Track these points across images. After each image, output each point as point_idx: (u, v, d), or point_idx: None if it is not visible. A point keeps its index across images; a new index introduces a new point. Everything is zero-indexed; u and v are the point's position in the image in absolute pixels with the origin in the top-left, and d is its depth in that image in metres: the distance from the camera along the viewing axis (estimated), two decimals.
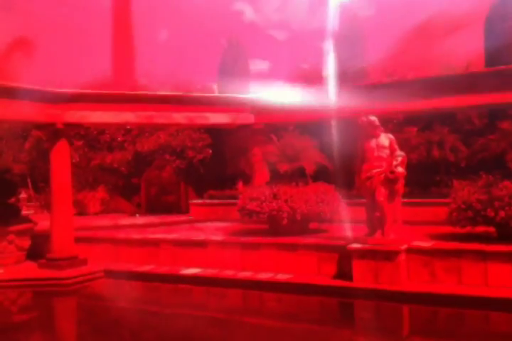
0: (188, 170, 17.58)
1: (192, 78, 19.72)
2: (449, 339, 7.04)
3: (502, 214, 8.33)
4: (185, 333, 7.50)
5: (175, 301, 9.72)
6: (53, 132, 11.29)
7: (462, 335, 7.16)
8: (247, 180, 15.39)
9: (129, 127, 17.64)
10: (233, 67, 18.40)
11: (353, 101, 11.71)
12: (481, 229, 9.03)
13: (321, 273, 9.44)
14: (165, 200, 17.70)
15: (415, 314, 8.25)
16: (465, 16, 17.88)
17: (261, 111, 13.65)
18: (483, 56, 13.80)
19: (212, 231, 12.24)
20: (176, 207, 17.34)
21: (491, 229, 9.02)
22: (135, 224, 14.17)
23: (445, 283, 8.38)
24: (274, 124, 14.66)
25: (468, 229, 9.03)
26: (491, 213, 8.40)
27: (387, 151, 9.05)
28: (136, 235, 11.92)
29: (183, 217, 15.47)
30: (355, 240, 9.16)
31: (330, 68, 16.80)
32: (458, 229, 9.17)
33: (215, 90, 19.32)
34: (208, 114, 13.17)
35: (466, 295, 7.89)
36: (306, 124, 15.01)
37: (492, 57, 13.03)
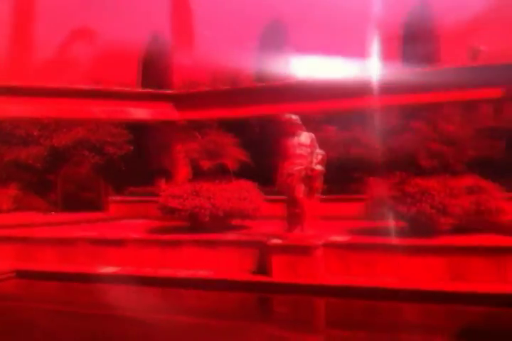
0: (108, 167, 17.09)
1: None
2: (363, 330, 7.30)
3: (413, 209, 8.78)
4: (100, 333, 7.27)
5: (91, 301, 9.38)
6: None
7: (375, 326, 7.46)
8: (169, 176, 15.22)
9: (46, 121, 16.90)
10: (155, 61, 18.10)
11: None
12: (393, 223, 9.48)
13: (242, 269, 9.48)
14: (83, 197, 17.12)
15: (332, 306, 8.48)
16: None
17: (185, 107, 13.54)
18: None
19: (132, 228, 11.98)
20: (95, 205, 16.82)
21: (403, 224, 9.49)
22: (50, 222, 13.58)
23: (360, 276, 8.66)
24: (198, 121, 14.59)
25: (382, 223, 9.46)
26: (402, 209, 8.83)
27: (308, 149, 9.25)
28: (50, 233, 11.43)
29: (101, 215, 15.04)
30: (275, 236, 9.30)
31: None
32: (373, 224, 9.58)
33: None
34: (130, 109, 12.88)
35: (379, 287, 8.21)
36: (229, 121, 15.06)
37: None
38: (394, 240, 8.76)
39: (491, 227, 9.28)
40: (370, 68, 13.83)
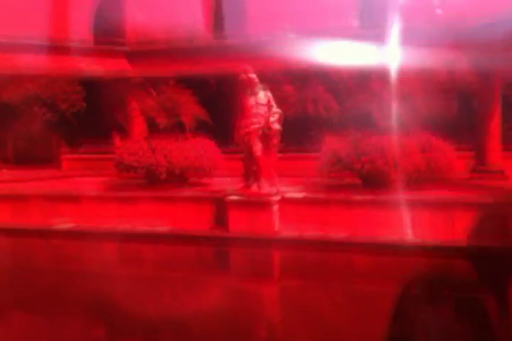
0: (61, 124, 16.64)
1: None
2: (314, 280, 7.61)
3: (368, 167, 9.05)
4: (56, 287, 7.28)
5: (47, 256, 9.37)
6: None
7: (328, 276, 7.78)
8: (124, 134, 14.98)
9: None
10: (109, 16, 17.39)
11: None
12: (348, 180, 9.78)
13: (200, 225, 9.61)
14: (35, 154, 16.65)
15: (287, 258, 8.76)
16: None
17: (140, 64, 13.20)
18: None
19: (88, 185, 11.84)
20: (48, 162, 16.43)
21: (357, 181, 9.78)
22: (2, 179, 13.22)
23: (314, 229, 8.90)
24: (154, 78, 14.27)
25: (336, 180, 9.73)
26: (358, 166, 9.09)
27: (265, 108, 9.32)
28: (3, 190, 11.15)
29: (55, 172, 14.74)
30: (233, 192, 9.42)
31: None
32: (328, 181, 9.84)
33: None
34: (84, 65, 12.47)
35: (332, 240, 8.58)
36: (186, 79, 14.81)
37: None
38: (347, 195, 9.04)
39: (441, 184, 9.68)
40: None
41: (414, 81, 11.48)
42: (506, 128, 11.42)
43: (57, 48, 12.55)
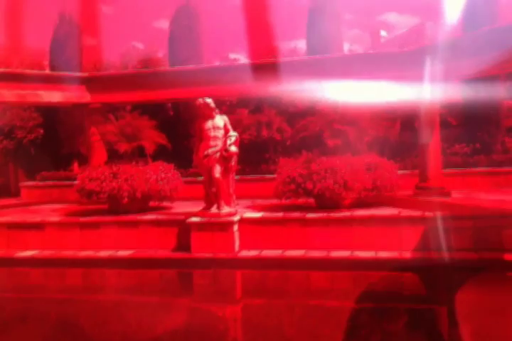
0: (18, 151, 16.61)
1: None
2: (276, 298, 8.00)
3: (319, 186, 9.60)
4: (22, 314, 7.35)
5: (10, 284, 9.39)
6: None
7: (287, 293, 8.19)
8: (83, 160, 15.10)
9: None
10: (66, 43, 17.65)
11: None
12: (302, 200, 10.31)
13: (162, 248, 9.89)
14: None
15: (248, 277, 9.14)
16: None
17: (98, 90, 13.42)
18: None
19: (49, 212, 11.90)
20: (5, 190, 16.33)
21: (311, 200, 10.34)
22: None
23: (272, 248, 9.40)
24: (112, 104, 14.52)
25: (292, 200, 10.26)
26: (310, 185, 9.63)
27: (222, 131, 9.75)
28: None
29: (13, 201, 14.66)
30: (194, 215, 9.77)
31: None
32: (284, 201, 10.35)
33: (47, 67, 18.35)
34: (41, 92, 12.62)
35: (289, 257, 9.02)
36: (144, 104, 15.13)
37: None
38: (302, 215, 9.55)
39: (387, 201, 10.34)
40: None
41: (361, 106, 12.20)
42: (445, 147, 12.27)
43: (14, 75, 12.67)
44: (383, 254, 8.80)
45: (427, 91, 10.73)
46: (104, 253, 9.85)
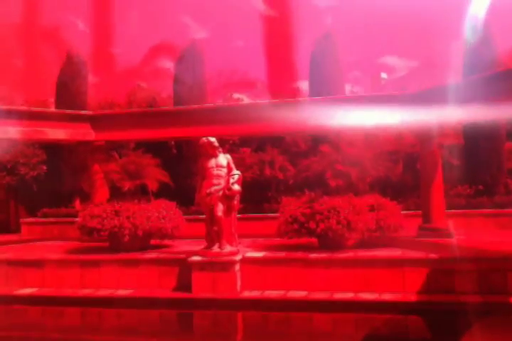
0: (20, 187, 16.65)
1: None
2: (277, 339, 7.85)
3: (322, 226, 9.56)
4: None
5: (8, 323, 9.22)
6: None
7: (290, 335, 8.04)
8: (85, 197, 15.09)
9: None
10: (72, 82, 18.00)
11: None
12: (305, 240, 10.24)
13: (163, 287, 9.76)
14: None
15: (249, 319, 8.97)
16: None
17: (102, 128, 13.59)
18: None
19: (49, 249, 11.82)
20: (5, 227, 16.26)
21: (314, 240, 10.27)
22: None
23: (275, 289, 9.26)
24: (116, 142, 14.67)
25: (294, 240, 10.18)
26: (312, 225, 9.59)
27: (225, 170, 9.81)
28: None
29: (14, 237, 14.58)
30: (195, 253, 9.69)
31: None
32: (286, 241, 10.28)
33: (53, 105, 18.66)
34: (46, 129, 12.78)
35: (292, 299, 8.88)
36: (147, 142, 15.28)
37: None
38: (305, 255, 9.46)
39: (390, 242, 10.27)
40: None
41: (362, 143, 12.34)
42: (448, 188, 12.31)
43: (20, 112, 12.86)
44: (387, 296, 8.67)
45: (428, 132, 10.86)
46: (103, 292, 9.71)
